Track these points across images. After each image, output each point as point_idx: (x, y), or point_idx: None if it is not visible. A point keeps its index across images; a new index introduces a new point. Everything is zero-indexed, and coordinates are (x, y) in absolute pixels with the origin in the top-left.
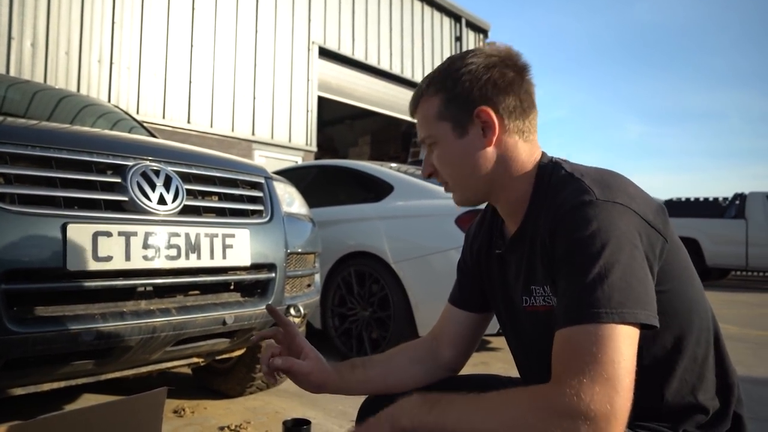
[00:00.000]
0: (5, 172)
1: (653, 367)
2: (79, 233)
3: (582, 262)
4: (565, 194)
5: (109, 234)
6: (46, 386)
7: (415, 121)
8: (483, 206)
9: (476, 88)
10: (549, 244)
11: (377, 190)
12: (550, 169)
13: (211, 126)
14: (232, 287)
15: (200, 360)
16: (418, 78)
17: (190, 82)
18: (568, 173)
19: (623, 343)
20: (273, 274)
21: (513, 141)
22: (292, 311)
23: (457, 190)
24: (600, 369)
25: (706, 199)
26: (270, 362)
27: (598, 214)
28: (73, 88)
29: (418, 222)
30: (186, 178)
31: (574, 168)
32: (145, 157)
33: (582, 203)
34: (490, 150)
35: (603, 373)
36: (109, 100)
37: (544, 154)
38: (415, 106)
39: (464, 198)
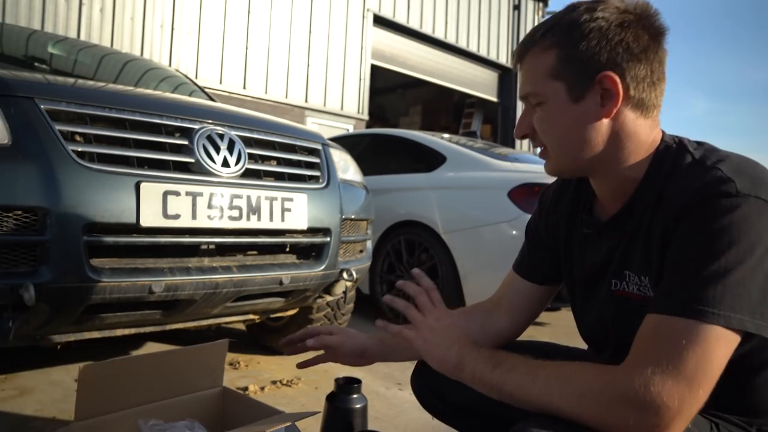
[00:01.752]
0: (85, 132)
1: (743, 364)
2: (151, 192)
3: (702, 254)
4: (699, 181)
5: (177, 193)
6: (119, 332)
7: (519, 70)
8: (538, 180)
9: (605, 49)
10: (664, 234)
11: (429, 160)
12: (673, 152)
13: (266, 92)
14: (288, 249)
15: (256, 317)
16: (473, 48)
17: (247, 48)
18: (699, 159)
19: (717, 348)
20: (328, 239)
21: (633, 116)
22: (344, 275)
23: (554, 159)
24: (681, 366)
25: None
26: (302, 345)
27: (735, 208)
28: (136, 53)
29: (470, 193)
30: (248, 142)
31: (708, 153)
32: (211, 121)
33: (718, 193)
34: (606, 122)
35: (682, 370)
36: (170, 65)
37: (665, 133)
38: (521, 56)
39: (560, 168)
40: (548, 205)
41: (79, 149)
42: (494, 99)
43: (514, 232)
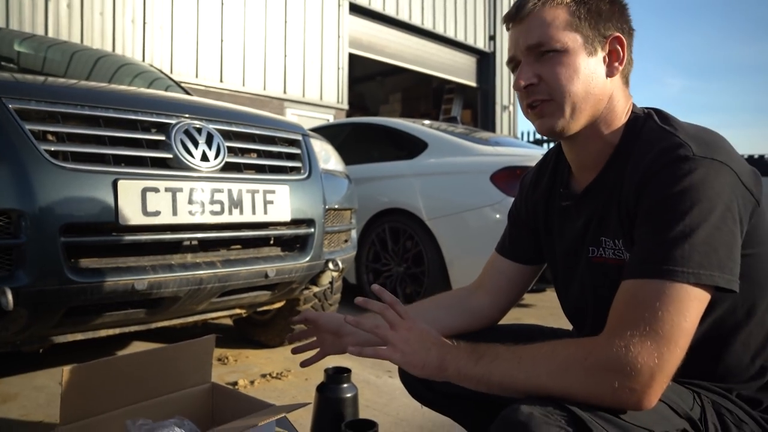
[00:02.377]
0: (58, 131)
1: (718, 328)
2: (129, 189)
3: (668, 217)
4: (658, 148)
5: (156, 190)
6: (103, 332)
7: (518, 25)
8: (520, 163)
9: (615, 16)
10: (633, 198)
11: (411, 147)
12: (642, 121)
13: (243, 85)
14: (272, 242)
15: (242, 311)
16: (450, 33)
17: (222, 41)
18: (661, 126)
19: (690, 304)
20: (312, 230)
21: (620, 83)
22: (330, 266)
23: (557, 113)
24: (657, 326)
25: (751, 157)
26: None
27: (693, 170)
28: (108, 49)
29: (452, 179)
30: (227, 135)
31: (669, 122)
32: (187, 116)
33: (677, 158)
34: (609, 81)
35: (659, 330)
36: (144, 60)
37: (635, 105)
38: (531, 6)
39: (560, 124)
40: (528, 187)
41: (52, 148)
42: (473, 84)
43: (497, 216)
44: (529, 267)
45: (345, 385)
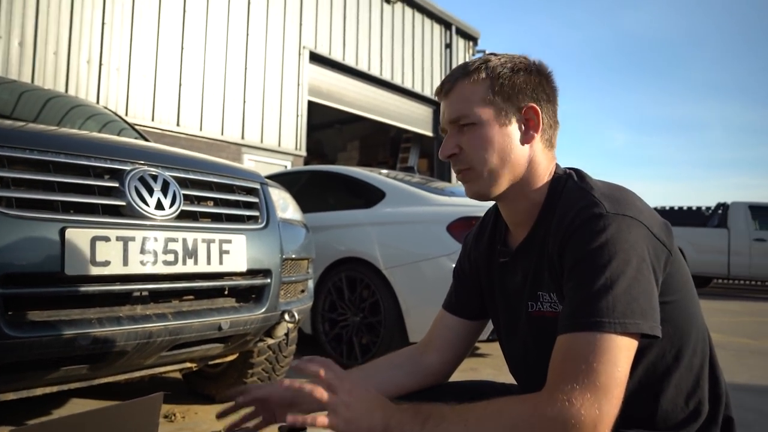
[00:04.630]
0: (2, 176)
1: (650, 374)
2: (78, 238)
3: (589, 272)
4: (575, 207)
5: (107, 239)
6: (39, 391)
7: (444, 100)
8: (476, 214)
9: (529, 87)
10: (557, 256)
11: (369, 196)
12: (563, 181)
13: (201, 129)
14: (227, 293)
15: (193, 365)
16: (408, 84)
17: (180, 84)
18: (579, 186)
19: (620, 353)
20: (268, 280)
21: (540, 147)
22: (286, 317)
23: (478, 179)
24: (593, 377)
25: (689, 208)
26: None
27: (607, 227)
28: (61, 89)
29: (409, 228)
30: (183, 183)
31: (585, 181)
32: (143, 162)
33: (592, 216)
34: (525, 148)
35: (596, 381)
36: (98, 102)
37: (558, 165)
38: (453, 84)
39: (482, 189)
40: (470, 243)
41: None
42: (430, 134)
43: (454, 266)
44: (475, 322)
45: None
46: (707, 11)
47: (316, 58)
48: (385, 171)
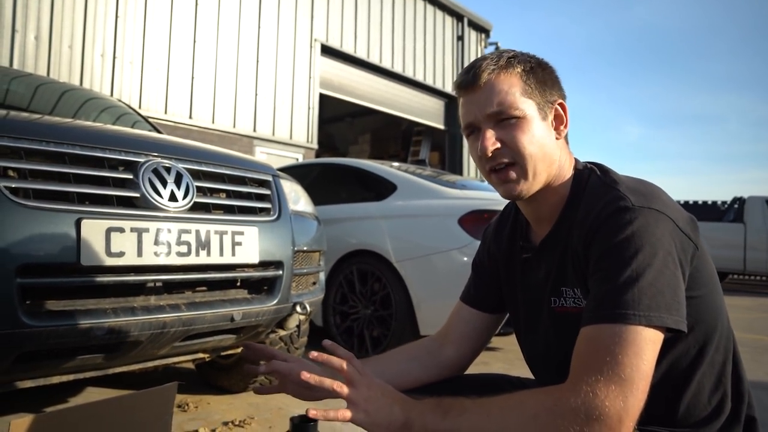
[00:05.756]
0: (20, 167)
1: (673, 369)
2: (93, 229)
3: (615, 265)
4: (602, 201)
5: (122, 230)
6: (56, 379)
7: (472, 93)
8: (487, 207)
9: (557, 83)
10: (583, 250)
11: (380, 189)
12: (586, 175)
13: (213, 122)
14: (239, 284)
15: (206, 355)
16: (420, 77)
17: (193, 77)
18: (603, 181)
19: (645, 346)
20: (280, 272)
21: (564, 143)
22: (298, 309)
23: (521, 177)
24: (618, 369)
25: (704, 203)
26: (250, 369)
27: (634, 220)
28: (75, 82)
29: (421, 222)
30: (196, 175)
31: (609, 175)
32: (156, 154)
33: (618, 209)
34: (558, 143)
35: (621, 374)
36: (112, 94)
37: (577, 160)
38: (488, 76)
39: (523, 187)
40: (490, 237)
41: (13, 185)
42: (441, 127)
43: (465, 259)
44: (493, 315)
45: None
46: (724, 1)
47: (327, 51)
48: (396, 164)
